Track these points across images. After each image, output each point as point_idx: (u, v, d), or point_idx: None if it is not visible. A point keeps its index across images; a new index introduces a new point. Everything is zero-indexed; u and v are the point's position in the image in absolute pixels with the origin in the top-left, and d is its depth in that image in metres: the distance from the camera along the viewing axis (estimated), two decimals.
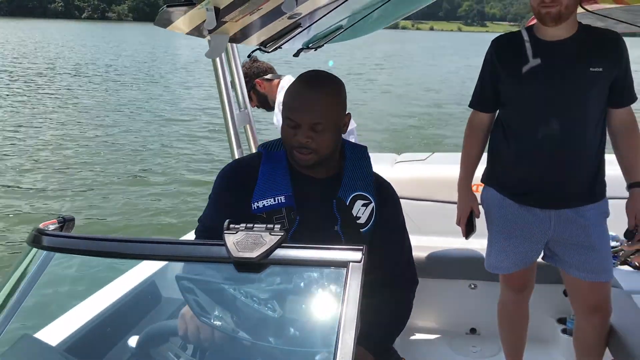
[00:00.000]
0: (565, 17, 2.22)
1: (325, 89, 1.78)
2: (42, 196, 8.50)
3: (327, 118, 1.73)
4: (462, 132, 2.66)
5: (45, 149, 11.33)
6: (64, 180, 9.29)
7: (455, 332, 3.40)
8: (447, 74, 30.46)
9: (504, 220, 2.53)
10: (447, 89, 23.80)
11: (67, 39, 54.21)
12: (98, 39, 56.63)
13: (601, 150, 2.39)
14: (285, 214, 1.76)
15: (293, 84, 1.82)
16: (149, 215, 7.90)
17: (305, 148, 1.73)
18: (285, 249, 1.09)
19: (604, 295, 2.48)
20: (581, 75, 2.28)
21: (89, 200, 8.41)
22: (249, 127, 3.45)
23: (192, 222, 7.38)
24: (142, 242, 1.20)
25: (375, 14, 2.89)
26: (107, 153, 11.22)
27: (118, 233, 7.06)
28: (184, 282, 1.31)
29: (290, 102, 1.78)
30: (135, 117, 15.49)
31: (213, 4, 2.02)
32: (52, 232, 1.35)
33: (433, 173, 4.06)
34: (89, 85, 21.47)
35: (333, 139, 1.77)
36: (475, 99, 2.57)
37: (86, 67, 27.76)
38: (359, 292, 1.00)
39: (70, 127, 13.65)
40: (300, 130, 1.73)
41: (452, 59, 43.13)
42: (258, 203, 1.77)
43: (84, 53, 37.05)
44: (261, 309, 1.24)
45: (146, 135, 13.19)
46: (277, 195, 1.77)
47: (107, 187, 9.05)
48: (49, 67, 27.42)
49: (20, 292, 1.42)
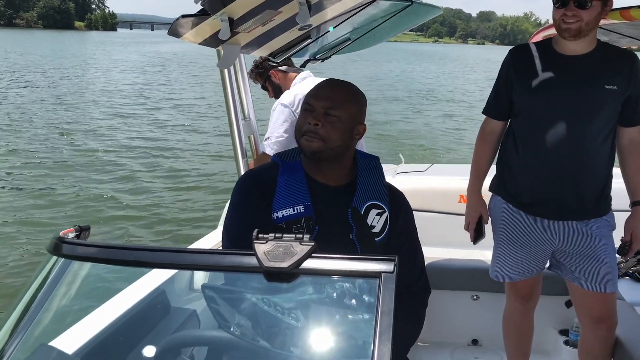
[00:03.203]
0: (585, 33, 2.26)
1: (349, 88, 1.85)
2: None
3: (342, 110, 1.77)
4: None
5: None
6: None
7: (457, 343, 3.41)
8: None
9: (510, 229, 2.55)
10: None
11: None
12: (5, 45, 55.44)
13: (610, 167, 2.42)
14: (304, 223, 1.77)
15: (317, 83, 1.88)
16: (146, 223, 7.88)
17: (314, 132, 1.75)
18: (316, 259, 1.10)
19: (610, 306, 2.50)
20: (595, 91, 2.31)
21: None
22: (253, 137, 3.47)
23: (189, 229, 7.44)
24: (169, 252, 1.20)
25: (381, 27, 2.92)
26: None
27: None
28: (209, 292, 1.31)
29: (312, 90, 1.84)
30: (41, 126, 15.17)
31: (228, 14, 2.04)
32: (74, 240, 1.35)
33: (434, 184, 4.09)
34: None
35: (342, 135, 1.79)
36: (489, 106, 2.59)
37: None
38: (393, 303, 1.00)
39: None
40: (313, 114, 1.77)
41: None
42: (278, 213, 1.77)
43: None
44: (291, 320, 1.24)
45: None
46: (296, 205, 1.78)
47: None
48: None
49: (39, 300, 1.42)
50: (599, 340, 2.52)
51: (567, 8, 2.22)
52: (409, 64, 45.65)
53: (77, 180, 9.77)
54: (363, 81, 25.59)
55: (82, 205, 8.48)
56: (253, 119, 3.42)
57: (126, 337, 2.11)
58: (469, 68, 52.40)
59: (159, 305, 2.33)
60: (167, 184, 9.86)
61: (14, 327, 1.36)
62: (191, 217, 8.10)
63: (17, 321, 1.36)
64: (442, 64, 56.54)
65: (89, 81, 26.57)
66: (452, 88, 30.20)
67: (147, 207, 8.54)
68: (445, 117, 19.53)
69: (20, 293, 1.41)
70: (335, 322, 1.25)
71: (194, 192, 9.33)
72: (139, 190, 9.40)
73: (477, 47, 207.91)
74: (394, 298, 1.01)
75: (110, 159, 11.54)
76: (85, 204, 8.55)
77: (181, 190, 9.48)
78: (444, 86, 31.22)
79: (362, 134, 1.89)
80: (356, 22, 2.65)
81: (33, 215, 7.94)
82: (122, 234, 7.35)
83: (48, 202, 8.55)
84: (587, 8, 2.21)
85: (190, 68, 35.58)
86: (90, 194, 9.01)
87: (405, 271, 1.86)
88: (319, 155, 1.77)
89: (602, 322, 2.49)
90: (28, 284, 1.41)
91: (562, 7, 2.24)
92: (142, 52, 55.89)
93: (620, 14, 2.37)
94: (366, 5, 2.15)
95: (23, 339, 1.36)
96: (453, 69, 50.26)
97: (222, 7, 1.95)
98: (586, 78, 2.32)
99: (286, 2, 1.95)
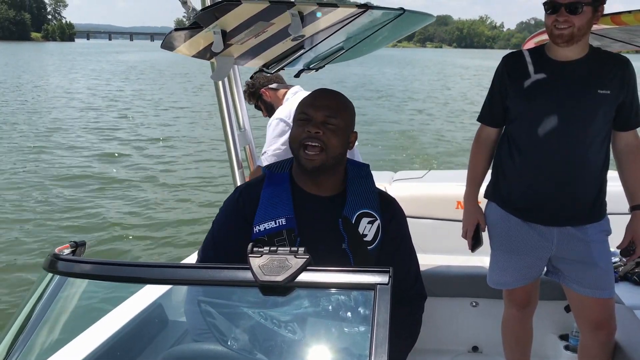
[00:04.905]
0: (577, 39, 2.27)
1: (342, 97, 1.88)
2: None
3: (340, 118, 1.80)
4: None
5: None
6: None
7: (457, 350, 3.40)
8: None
9: (506, 236, 2.55)
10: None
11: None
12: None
13: (605, 171, 2.43)
14: (286, 235, 1.78)
15: (310, 93, 1.90)
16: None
17: (316, 139, 1.76)
18: (311, 272, 1.10)
19: (608, 311, 2.50)
20: (589, 96, 2.32)
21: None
22: (248, 148, 3.47)
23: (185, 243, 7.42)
24: (165, 267, 1.20)
25: (374, 35, 2.93)
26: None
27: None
28: (205, 306, 1.31)
29: (308, 100, 1.85)
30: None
31: (220, 27, 2.04)
32: (69, 257, 1.35)
33: (430, 191, 4.09)
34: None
35: (341, 144, 1.81)
36: (483, 113, 2.60)
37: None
38: (389, 315, 1.00)
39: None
40: (312, 123, 1.78)
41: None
42: (259, 226, 1.80)
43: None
44: (287, 333, 1.24)
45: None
46: (278, 217, 1.79)
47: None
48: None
49: (35, 317, 1.41)
50: (599, 346, 2.52)
51: (559, 14, 2.24)
52: (369, 69, 46.21)
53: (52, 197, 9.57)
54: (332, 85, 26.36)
55: (73, 220, 8.42)
56: (248, 129, 3.43)
57: (124, 351, 2.10)
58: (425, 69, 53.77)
59: (157, 319, 2.33)
60: (162, 195, 9.83)
61: (11, 345, 1.35)
62: (189, 229, 8.07)
63: (13, 339, 1.35)
64: (401, 67, 57.63)
65: (75, 92, 26.53)
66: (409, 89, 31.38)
67: (143, 219, 8.51)
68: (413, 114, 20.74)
69: (16, 311, 1.41)
70: (332, 334, 1.25)
71: (190, 204, 9.30)
72: (134, 203, 9.35)
73: (434, 50, 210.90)
74: (390, 309, 1.01)
75: (107, 173, 11.53)
76: (77, 218, 8.50)
77: (178, 201, 9.45)
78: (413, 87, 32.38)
79: (354, 142, 1.92)
80: (349, 32, 2.66)
81: (27, 231, 7.87)
82: (118, 250, 7.31)
83: (39, 217, 8.48)
84: (578, 13, 2.22)
85: (186, 77, 35.74)
86: (76, 209, 8.92)
87: (400, 277, 1.87)
88: (321, 170, 1.78)
89: (600, 327, 2.49)
90: (24, 301, 1.41)
91: (554, 13, 2.25)
92: (115, 61, 55.98)
93: (611, 19, 2.38)
94: (359, 15, 2.16)
95: (20, 356, 1.36)
96: (411, 71, 51.77)
97: (215, 19, 1.96)
98: (580, 83, 2.33)
99: (278, 13, 1.96)
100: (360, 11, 2.08)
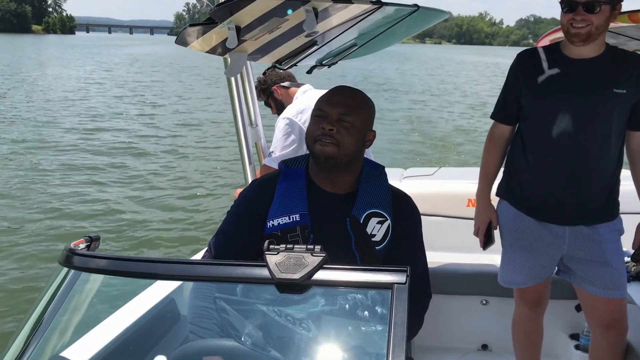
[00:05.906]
0: (594, 38, 2.24)
1: (361, 95, 1.87)
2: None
3: (356, 116, 1.79)
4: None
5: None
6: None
7: (467, 348, 3.39)
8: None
9: (518, 235, 2.53)
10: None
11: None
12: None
13: (618, 171, 2.41)
14: (299, 232, 1.78)
15: (329, 90, 1.90)
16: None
17: (329, 136, 1.75)
18: (328, 270, 1.10)
19: (620, 311, 2.48)
20: (604, 95, 2.29)
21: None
22: (259, 144, 3.48)
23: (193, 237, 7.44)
24: (181, 264, 1.20)
25: (388, 32, 2.92)
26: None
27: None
28: (220, 302, 1.31)
29: (325, 97, 1.85)
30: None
31: (235, 22, 2.04)
32: (84, 252, 1.36)
33: (441, 188, 4.07)
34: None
35: (355, 142, 1.80)
36: (497, 110, 2.58)
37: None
38: (406, 314, 1.00)
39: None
40: (327, 119, 1.78)
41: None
42: (273, 221, 1.79)
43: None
44: (303, 331, 1.24)
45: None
46: (292, 213, 1.79)
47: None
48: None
49: (51, 311, 1.42)
50: (610, 346, 2.50)
51: (576, 12, 2.20)
52: (369, 64, 46.09)
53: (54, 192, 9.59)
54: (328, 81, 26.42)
55: (90, 215, 8.46)
56: (260, 125, 3.43)
57: (137, 345, 2.11)
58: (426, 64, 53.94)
59: (169, 314, 2.34)
60: (178, 190, 9.84)
61: (27, 339, 1.36)
62: (204, 225, 8.08)
63: (29, 333, 1.36)
64: (403, 62, 57.71)
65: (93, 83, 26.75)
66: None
67: (159, 215, 8.54)
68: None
69: (32, 305, 1.42)
70: (348, 333, 1.25)
71: (206, 199, 9.32)
72: (148, 198, 9.38)
73: (434, 46, 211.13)
74: (407, 309, 1.01)
75: (120, 163, 11.57)
76: (91, 212, 8.54)
77: (193, 198, 9.45)
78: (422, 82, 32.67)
79: (372, 141, 1.90)
80: (363, 28, 2.65)
81: (42, 226, 7.90)
82: (133, 245, 7.33)
83: (53, 212, 8.51)
84: (596, 12, 2.18)
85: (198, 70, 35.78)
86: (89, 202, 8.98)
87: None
88: (333, 161, 1.77)
89: (612, 327, 2.47)
90: (40, 296, 1.42)
91: (571, 12, 2.22)
92: (122, 54, 56.20)
93: (628, 17, 2.35)
94: (373, 12, 2.15)
95: (35, 350, 1.37)
96: (413, 65, 52.14)
97: (230, 15, 1.96)
98: (595, 82, 2.30)
99: (293, 9, 1.96)
100: (374, 7, 2.07)
